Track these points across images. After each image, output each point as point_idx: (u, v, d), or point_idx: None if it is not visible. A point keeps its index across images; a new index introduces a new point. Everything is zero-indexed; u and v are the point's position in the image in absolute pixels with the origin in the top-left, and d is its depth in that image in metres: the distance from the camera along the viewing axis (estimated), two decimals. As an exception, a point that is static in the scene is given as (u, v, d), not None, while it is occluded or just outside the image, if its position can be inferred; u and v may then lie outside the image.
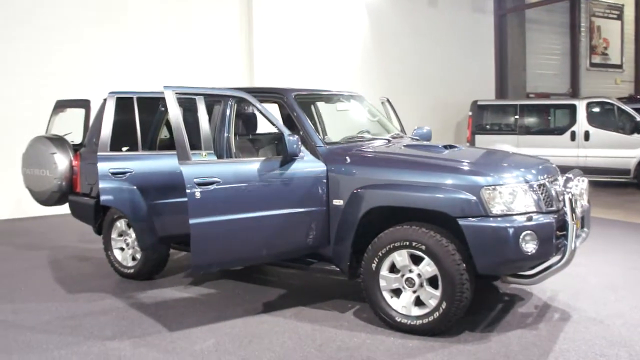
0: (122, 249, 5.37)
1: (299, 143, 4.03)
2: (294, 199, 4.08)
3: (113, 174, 4.47)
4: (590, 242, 6.43)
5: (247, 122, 5.26)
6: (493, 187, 3.69)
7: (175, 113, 3.76)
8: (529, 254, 3.65)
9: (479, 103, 11.77)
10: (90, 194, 5.44)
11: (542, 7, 13.83)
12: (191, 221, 3.68)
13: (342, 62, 11.92)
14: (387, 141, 4.80)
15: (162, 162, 4.60)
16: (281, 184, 4.04)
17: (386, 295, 3.99)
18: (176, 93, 3.83)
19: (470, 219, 3.66)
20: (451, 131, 13.27)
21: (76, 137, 5.93)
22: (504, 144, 11.35)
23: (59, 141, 5.65)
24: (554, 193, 3.98)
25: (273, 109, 4.62)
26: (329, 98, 5.43)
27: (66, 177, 5.48)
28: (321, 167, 4.19)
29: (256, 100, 4.15)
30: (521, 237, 3.62)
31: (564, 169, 4.48)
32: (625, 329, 3.97)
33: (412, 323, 3.88)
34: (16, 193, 5.96)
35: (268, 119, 4.12)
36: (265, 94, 4.80)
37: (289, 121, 4.95)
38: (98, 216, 5.43)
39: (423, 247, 3.78)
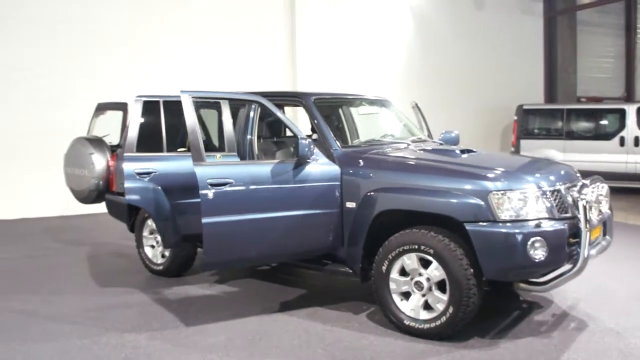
0: (152, 247, 5.61)
1: (312, 146, 4.11)
2: (306, 201, 4.17)
3: (138, 174, 4.70)
4: (623, 251, 6.30)
5: (271, 125, 5.39)
6: (502, 192, 3.65)
7: (190, 117, 3.92)
8: (537, 260, 3.60)
9: (524, 107, 11.48)
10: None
11: (595, 9, 13.34)
12: (204, 220, 3.84)
13: (385, 66, 11.91)
14: (406, 145, 4.81)
15: (185, 163, 4.78)
16: (294, 186, 4.13)
17: (396, 298, 4.01)
18: (192, 97, 4.00)
19: (477, 223, 3.64)
20: (497, 136, 13.01)
21: (115, 138, 6.24)
22: (550, 149, 11.07)
23: (97, 142, 5.95)
24: (570, 200, 3.89)
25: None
26: (351, 102, 5.49)
27: (103, 176, 5.77)
28: (335, 170, 4.26)
29: (272, 104, 4.26)
30: (529, 243, 3.57)
31: (612, 176, 4.36)
32: (645, 341, 3.84)
33: (420, 327, 3.89)
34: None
35: (283, 122, 4.23)
36: (286, 98, 4.92)
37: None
38: (131, 214, 5.69)
39: (431, 251, 3.78)
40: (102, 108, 6.56)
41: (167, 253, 5.46)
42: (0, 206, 8.89)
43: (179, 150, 5.12)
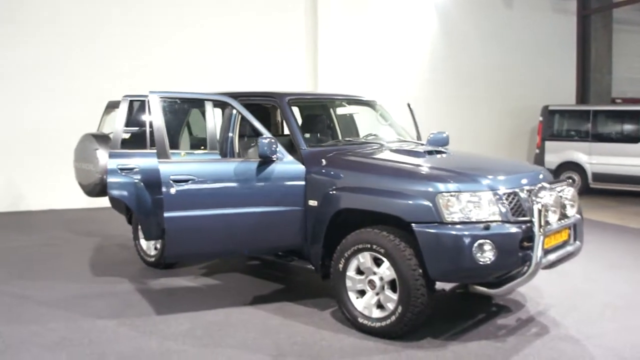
0: (146, 239, 5.86)
1: (274, 146, 4.21)
2: (269, 198, 4.29)
3: (121, 169, 4.94)
4: (617, 258, 6.10)
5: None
6: (450, 193, 3.66)
7: (157, 116, 4.12)
8: (484, 264, 3.58)
9: (550, 108, 11.18)
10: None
11: (632, 6, 12.78)
12: (165, 215, 4.03)
13: (408, 67, 11.86)
14: (380, 145, 4.85)
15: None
16: (257, 183, 4.26)
17: (352, 295, 4.07)
18: (161, 97, 4.19)
19: (424, 224, 3.66)
20: (525, 137, 12.71)
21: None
22: (575, 151, 10.76)
23: (102, 138, 6.25)
24: (528, 203, 3.85)
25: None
26: (330, 102, 5.56)
27: (106, 171, 6.06)
28: (300, 169, 4.36)
29: (239, 105, 4.41)
30: (475, 246, 3.56)
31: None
32: (600, 350, 3.75)
33: (372, 325, 3.94)
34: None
35: (249, 122, 4.37)
36: (262, 98, 5.04)
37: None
38: (128, 208, 5.96)
39: (382, 251, 3.83)
40: (111, 106, 6.88)
41: (159, 245, 5.70)
42: (31, 198, 9.44)
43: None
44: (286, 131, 5.72)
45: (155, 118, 4.10)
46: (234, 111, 5.05)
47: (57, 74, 9.41)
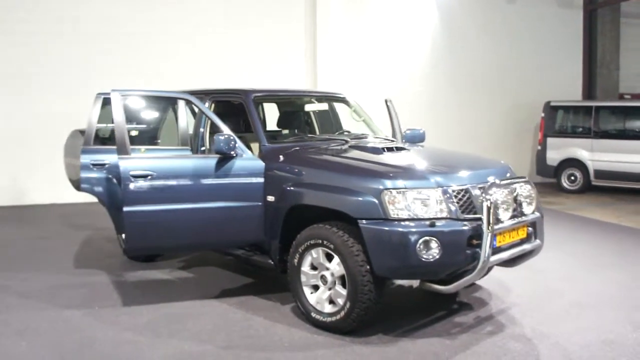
0: (127, 233, 5.99)
1: (232, 143, 4.26)
2: (228, 194, 4.34)
3: (93, 165, 5.06)
4: (601, 256, 6.03)
5: (231, 121, 5.54)
6: (395, 190, 3.67)
7: (118, 113, 4.20)
8: (428, 260, 3.59)
9: (551, 104, 11.01)
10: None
11: (643, 0, 12.50)
12: (125, 209, 4.12)
13: (409, 62, 11.79)
14: (344, 142, 4.87)
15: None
16: (215, 179, 4.32)
17: (306, 290, 4.12)
18: (122, 95, 4.29)
19: (370, 221, 3.68)
20: (530, 133, 12.51)
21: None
22: (577, 148, 10.59)
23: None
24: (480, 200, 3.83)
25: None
26: (296, 99, 5.59)
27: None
28: (259, 165, 4.41)
29: (199, 102, 4.48)
30: (419, 243, 3.56)
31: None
32: (549, 349, 3.73)
33: (323, 319, 3.98)
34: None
35: (211, 119, 4.44)
36: (229, 94, 5.10)
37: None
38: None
39: (332, 246, 3.87)
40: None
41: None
42: (34, 192, 9.69)
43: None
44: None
45: (116, 115, 4.19)
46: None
47: (63, 70, 9.59)
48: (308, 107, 5.60)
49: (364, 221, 3.69)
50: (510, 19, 12.18)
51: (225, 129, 4.39)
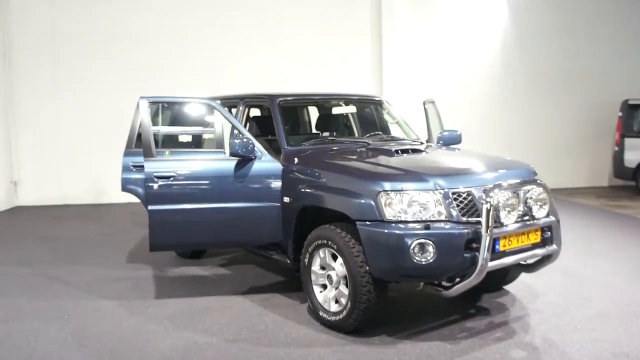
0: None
1: (249, 146, 4.44)
2: (247, 194, 4.54)
3: (134, 166, 5.46)
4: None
5: (263, 125, 5.77)
6: (392, 192, 3.69)
7: (145, 119, 4.53)
8: (423, 263, 3.58)
9: (630, 102, 10.28)
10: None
11: None
12: (149, 208, 4.44)
13: (478, 63, 11.46)
14: (366, 144, 4.91)
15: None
16: (235, 180, 4.53)
17: (316, 289, 4.23)
18: (149, 102, 4.62)
19: (366, 222, 3.73)
20: (609, 134, 11.73)
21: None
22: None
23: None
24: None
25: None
26: (324, 102, 5.69)
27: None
28: (277, 167, 4.57)
29: (221, 107, 4.71)
30: (413, 245, 3.57)
31: None
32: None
33: (329, 318, 4.08)
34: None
35: (232, 124, 4.67)
36: (259, 99, 5.31)
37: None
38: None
39: (335, 247, 3.95)
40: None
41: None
42: (112, 192, 10.44)
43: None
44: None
45: (143, 121, 4.53)
46: (240, 112, 5.43)
47: (129, 76, 10.24)
48: (335, 111, 5.70)
49: (361, 222, 3.75)
50: (586, 14, 11.49)
51: (245, 133, 4.60)
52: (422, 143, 5.33)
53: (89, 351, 3.85)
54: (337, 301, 4.06)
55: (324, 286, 4.19)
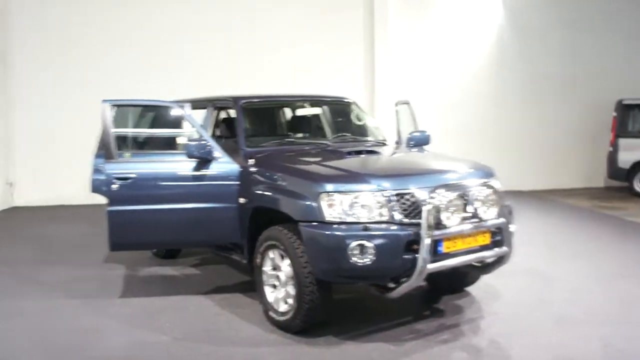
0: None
1: (206, 148, 4.49)
2: (204, 195, 4.58)
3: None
4: (636, 268, 5.53)
5: (231, 126, 5.77)
6: (332, 193, 3.70)
7: (107, 121, 4.59)
8: (362, 264, 3.59)
9: (624, 102, 10.13)
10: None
11: None
12: (108, 208, 4.51)
13: (474, 63, 11.38)
14: (324, 145, 4.94)
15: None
16: (193, 181, 4.58)
17: (267, 289, 4.26)
18: (112, 105, 4.68)
19: (307, 223, 3.75)
20: (607, 133, 11.54)
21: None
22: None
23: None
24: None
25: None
26: (287, 104, 5.72)
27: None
28: (234, 168, 4.61)
29: (182, 110, 4.75)
30: (351, 247, 3.57)
31: None
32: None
33: (277, 318, 4.11)
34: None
35: (193, 126, 4.72)
36: (222, 102, 5.36)
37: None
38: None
39: (282, 247, 3.98)
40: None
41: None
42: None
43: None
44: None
45: (105, 124, 4.59)
46: (209, 114, 5.50)
47: (134, 77, 10.30)
48: (300, 112, 5.72)
49: (303, 223, 3.78)
50: (587, 11, 11.33)
51: (205, 134, 4.65)
52: (385, 144, 5.33)
53: (37, 348, 3.93)
54: (286, 302, 4.09)
55: (275, 286, 4.23)
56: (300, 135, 5.51)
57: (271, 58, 10.76)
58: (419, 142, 5.48)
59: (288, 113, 5.84)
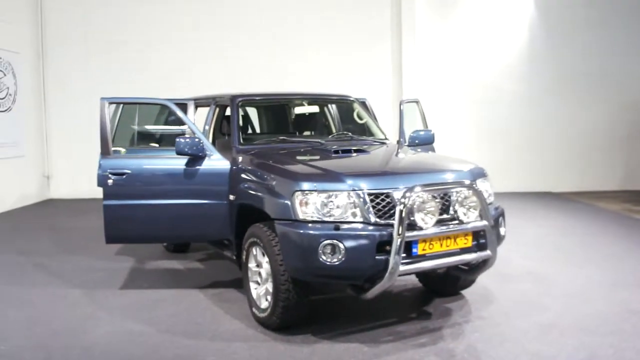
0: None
1: (197, 145, 4.56)
2: (196, 191, 4.68)
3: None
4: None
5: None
6: (305, 192, 3.71)
7: (104, 118, 4.75)
8: (333, 264, 3.58)
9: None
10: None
11: None
12: (104, 202, 4.68)
13: (505, 62, 11.07)
14: (316, 144, 4.94)
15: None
16: (185, 177, 4.68)
17: (252, 285, 4.31)
18: (109, 102, 4.84)
19: (282, 221, 3.78)
20: (647, 134, 11.05)
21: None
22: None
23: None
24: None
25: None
26: (284, 102, 5.73)
27: None
28: (225, 165, 4.68)
29: (177, 108, 4.85)
30: (321, 246, 3.57)
31: None
32: (466, 367, 3.50)
33: (259, 315, 4.16)
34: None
35: (186, 123, 4.82)
36: (223, 99, 5.43)
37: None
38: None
39: (262, 244, 4.02)
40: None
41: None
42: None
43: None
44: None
45: (102, 120, 4.75)
46: (211, 112, 5.59)
47: (168, 75, 10.63)
48: (298, 110, 5.74)
49: (278, 221, 3.80)
50: (618, 9, 10.83)
51: (197, 132, 4.74)
52: (384, 143, 5.28)
53: (31, 333, 4.13)
54: (266, 299, 4.13)
55: (258, 283, 4.27)
56: (296, 133, 5.54)
57: (298, 59, 10.87)
58: (423, 141, 5.41)
59: (287, 111, 5.86)
